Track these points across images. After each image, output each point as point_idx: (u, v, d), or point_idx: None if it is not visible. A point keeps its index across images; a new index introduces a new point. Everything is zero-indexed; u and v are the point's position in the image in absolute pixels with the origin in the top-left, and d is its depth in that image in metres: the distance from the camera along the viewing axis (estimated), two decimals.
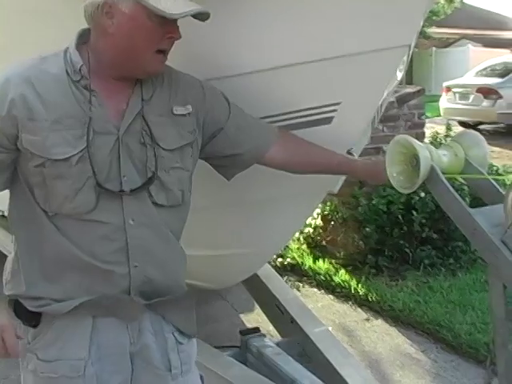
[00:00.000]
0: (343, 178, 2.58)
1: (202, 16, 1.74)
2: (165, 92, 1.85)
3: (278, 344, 3.16)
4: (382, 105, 2.41)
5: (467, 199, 4.16)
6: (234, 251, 2.96)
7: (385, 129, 5.57)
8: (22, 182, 1.78)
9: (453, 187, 1.80)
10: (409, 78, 25.85)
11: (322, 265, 5.39)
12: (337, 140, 2.19)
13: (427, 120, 6.81)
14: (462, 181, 1.96)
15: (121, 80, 1.78)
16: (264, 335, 3.14)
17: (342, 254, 5.40)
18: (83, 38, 1.79)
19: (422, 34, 22.89)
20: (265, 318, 4.08)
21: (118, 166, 1.73)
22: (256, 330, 3.18)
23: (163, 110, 1.82)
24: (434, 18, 22.59)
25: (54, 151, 1.68)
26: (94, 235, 1.74)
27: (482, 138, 1.95)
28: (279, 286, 3.78)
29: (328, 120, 2.18)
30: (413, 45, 2.16)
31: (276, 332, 3.86)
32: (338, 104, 2.15)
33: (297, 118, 2.19)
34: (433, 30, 23.67)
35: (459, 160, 1.90)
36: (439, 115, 14.88)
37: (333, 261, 5.43)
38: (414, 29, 2.08)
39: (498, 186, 1.85)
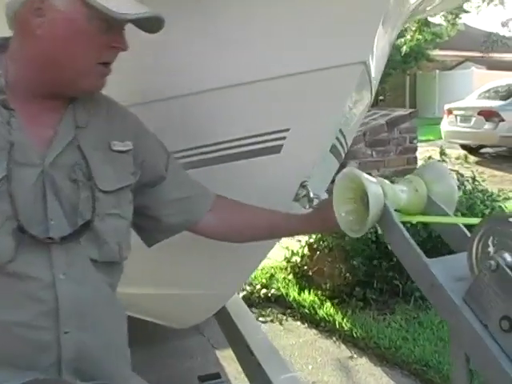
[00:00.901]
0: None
1: (153, 24, 1.44)
2: (101, 122, 1.54)
3: None
4: (343, 130, 2.12)
5: None
6: (191, 291, 2.70)
7: (374, 153, 5.35)
8: None
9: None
10: (412, 101, 25.77)
11: (307, 297, 5.11)
12: (288, 171, 1.93)
13: (429, 143, 6.57)
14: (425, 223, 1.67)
15: (48, 99, 1.45)
16: (225, 382, 2.85)
17: (328, 285, 5.12)
18: (1, 48, 1.47)
19: (426, 57, 22.78)
20: None
21: (44, 207, 1.39)
22: (216, 375, 2.88)
23: (100, 143, 1.51)
24: (438, 40, 22.44)
25: None
26: (14, 293, 1.38)
27: (447, 170, 1.67)
28: (249, 323, 3.48)
29: (276, 149, 1.92)
30: (371, 62, 1.89)
31: None
32: (286, 130, 1.89)
33: (240, 146, 1.93)
34: (436, 53, 23.55)
35: (420, 197, 1.62)
36: (441, 138, 14.65)
37: (319, 292, 5.14)
38: (369, 44, 1.81)
39: (465, 230, 1.56)
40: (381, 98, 22.90)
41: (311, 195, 1.94)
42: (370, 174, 4.54)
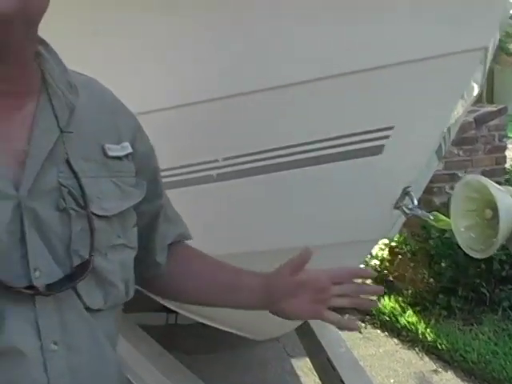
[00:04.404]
0: (401, 220, 2.05)
1: None
2: (91, 119, 1.13)
3: None
4: (451, 128, 1.88)
5: None
6: None
7: (461, 153, 5.05)
8: None
9: None
10: (489, 97, 24.87)
11: (388, 303, 4.85)
12: (389, 175, 1.71)
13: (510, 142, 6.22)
14: None
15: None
16: None
17: (409, 291, 4.85)
18: None
19: (505, 51, 21.97)
20: None
21: (24, 253, 0.98)
22: None
23: (91, 150, 1.10)
24: None
25: None
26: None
27: None
28: (331, 335, 3.25)
29: (377, 149, 1.70)
30: (491, 51, 1.64)
31: None
32: (389, 129, 1.66)
33: (337, 146, 1.71)
34: None
35: None
36: None
37: (399, 299, 4.88)
38: (493, 26, 1.56)
39: None
40: None
41: (415, 203, 1.70)
42: (455, 174, 4.27)
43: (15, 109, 1.03)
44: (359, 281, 1.32)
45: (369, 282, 5.10)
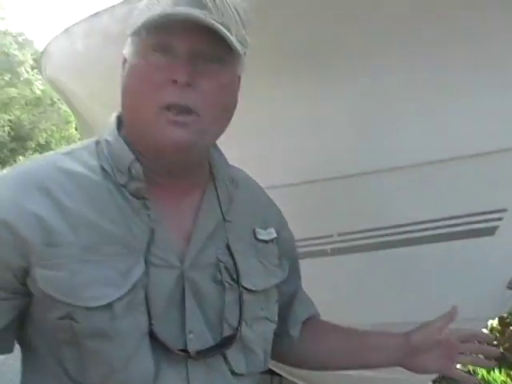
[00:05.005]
0: None
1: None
2: (244, 206, 1.30)
3: None
4: None
5: None
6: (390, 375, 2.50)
7: None
8: (34, 341, 1.16)
9: None
10: None
11: (498, 376, 4.70)
12: (501, 256, 1.73)
13: None
14: None
15: (172, 175, 1.18)
16: None
17: None
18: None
19: None
20: None
21: (182, 317, 1.13)
22: None
23: (244, 232, 1.27)
24: None
25: (87, 294, 1.05)
26: None
27: None
28: None
29: (490, 231, 1.72)
30: None
31: None
32: (503, 211, 1.68)
33: (450, 226, 1.75)
34: None
35: None
36: None
37: (511, 372, 4.71)
38: None
39: None
40: None
41: None
42: None
43: (185, 194, 1.22)
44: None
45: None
